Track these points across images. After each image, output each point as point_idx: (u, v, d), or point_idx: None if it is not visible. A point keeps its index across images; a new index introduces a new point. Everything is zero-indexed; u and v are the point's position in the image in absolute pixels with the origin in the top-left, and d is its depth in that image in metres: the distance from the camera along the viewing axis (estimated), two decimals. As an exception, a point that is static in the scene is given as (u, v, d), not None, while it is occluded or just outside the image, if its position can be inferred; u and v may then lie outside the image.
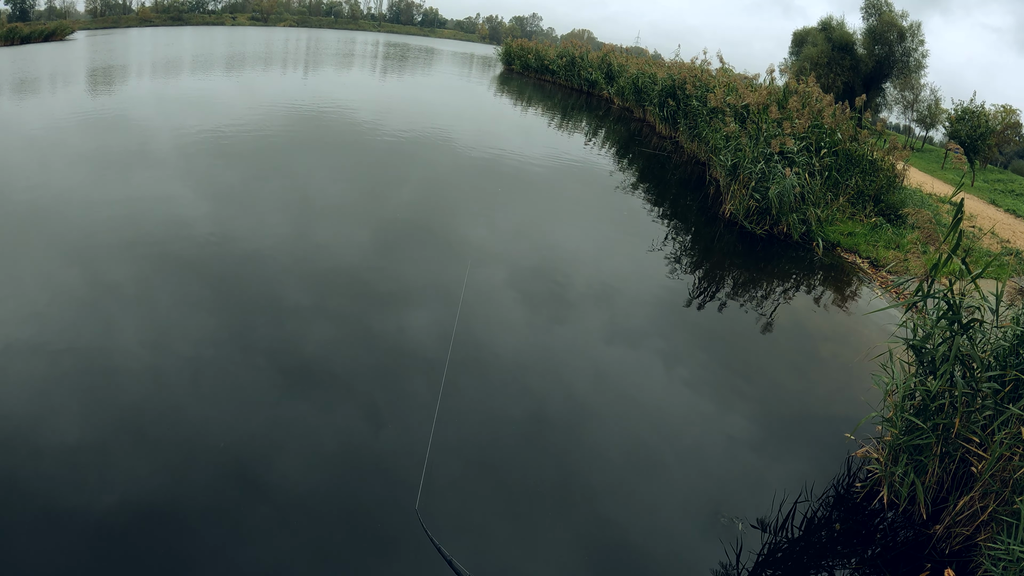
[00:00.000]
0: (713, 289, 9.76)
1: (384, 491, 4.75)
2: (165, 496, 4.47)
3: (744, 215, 12.51)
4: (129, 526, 4.19)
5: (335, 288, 8.05)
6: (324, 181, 12.77)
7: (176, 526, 4.25)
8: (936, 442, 4.87)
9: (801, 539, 4.85)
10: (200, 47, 44.74)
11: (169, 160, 12.85)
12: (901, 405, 5.11)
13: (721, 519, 4.88)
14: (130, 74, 27.06)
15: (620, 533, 4.72)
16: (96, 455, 4.80)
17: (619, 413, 6.16)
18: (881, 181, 14.16)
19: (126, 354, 6.08)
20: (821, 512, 5.13)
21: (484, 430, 5.65)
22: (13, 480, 4.47)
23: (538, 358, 6.98)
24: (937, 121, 39.99)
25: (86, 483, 4.51)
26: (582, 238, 11.45)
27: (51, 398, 5.39)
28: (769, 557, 4.61)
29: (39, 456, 4.73)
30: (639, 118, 27.85)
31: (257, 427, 5.30)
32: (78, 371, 5.79)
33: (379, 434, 5.44)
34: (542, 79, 46.51)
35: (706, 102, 17.51)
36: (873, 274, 11.00)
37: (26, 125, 15.25)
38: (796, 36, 49.34)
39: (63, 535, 4.09)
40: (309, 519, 4.44)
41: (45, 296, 7.07)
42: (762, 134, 13.03)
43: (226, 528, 4.30)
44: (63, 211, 9.64)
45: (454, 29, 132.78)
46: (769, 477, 5.49)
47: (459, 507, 4.73)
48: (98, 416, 5.23)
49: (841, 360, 7.90)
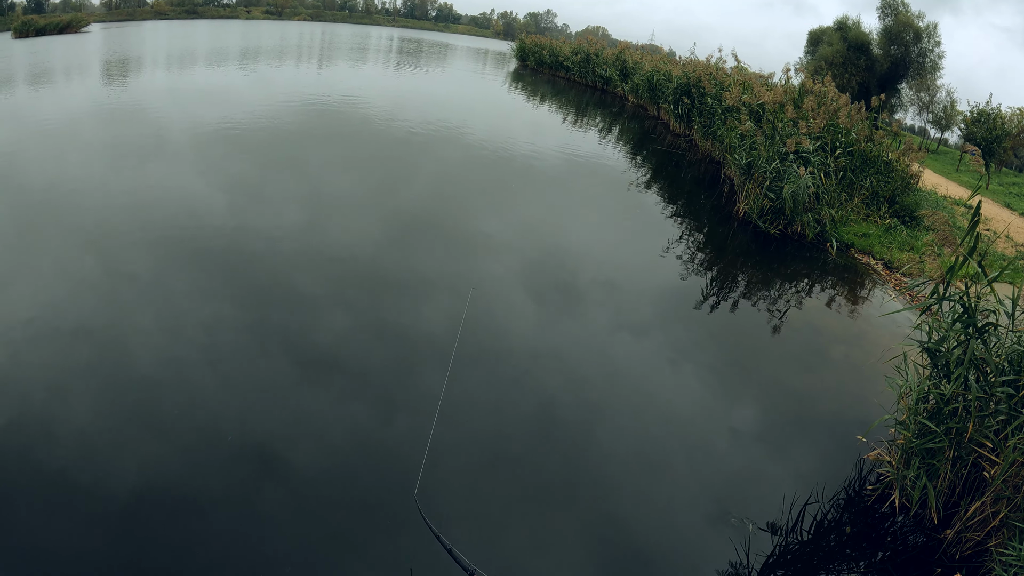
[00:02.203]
0: (726, 288, 9.73)
1: (389, 477, 4.84)
2: (179, 477, 4.58)
3: (758, 214, 12.44)
4: (144, 506, 4.29)
5: (346, 277, 8.17)
6: (337, 173, 12.88)
7: (188, 506, 4.35)
8: (949, 446, 4.84)
9: (811, 541, 4.83)
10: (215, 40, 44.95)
11: (184, 151, 12.98)
12: (915, 408, 5.08)
13: (732, 520, 4.87)
14: (146, 67, 27.26)
15: (627, 530, 4.73)
16: (113, 437, 4.91)
17: (629, 410, 6.17)
18: (896, 182, 14.04)
19: (142, 339, 6.20)
20: (831, 514, 5.11)
21: (489, 421, 5.71)
22: (33, 459, 4.58)
23: (547, 352, 6.99)
24: (952, 123, 39.52)
25: (103, 464, 4.62)
26: (594, 235, 11.44)
27: (70, 381, 5.51)
28: (779, 559, 4.60)
29: (57, 437, 4.84)
30: (653, 116, 27.75)
31: (267, 412, 5.41)
32: (96, 356, 5.90)
33: (386, 422, 5.51)
34: (556, 75, 46.40)
35: (721, 100, 17.42)
36: (887, 276, 10.93)
37: (43, 116, 15.42)
38: (811, 35, 48.96)
39: (80, 513, 4.18)
40: (318, 502, 4.53)
41: (63, 282, 7.20)
42: (777, 133, 12.95)
43: (237, 509, 4.40)
44: (80, 200, 9.78)
45: (468, 25, 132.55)
46: (779, 478, 5.48)
47: (459, 495, 4.80)
48: (115, 400, 5.34)
49: (853, 361, 7.85)
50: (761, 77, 19.06)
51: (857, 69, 42.91)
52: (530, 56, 51.61)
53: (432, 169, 14.25)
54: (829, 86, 16.73)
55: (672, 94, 23.20)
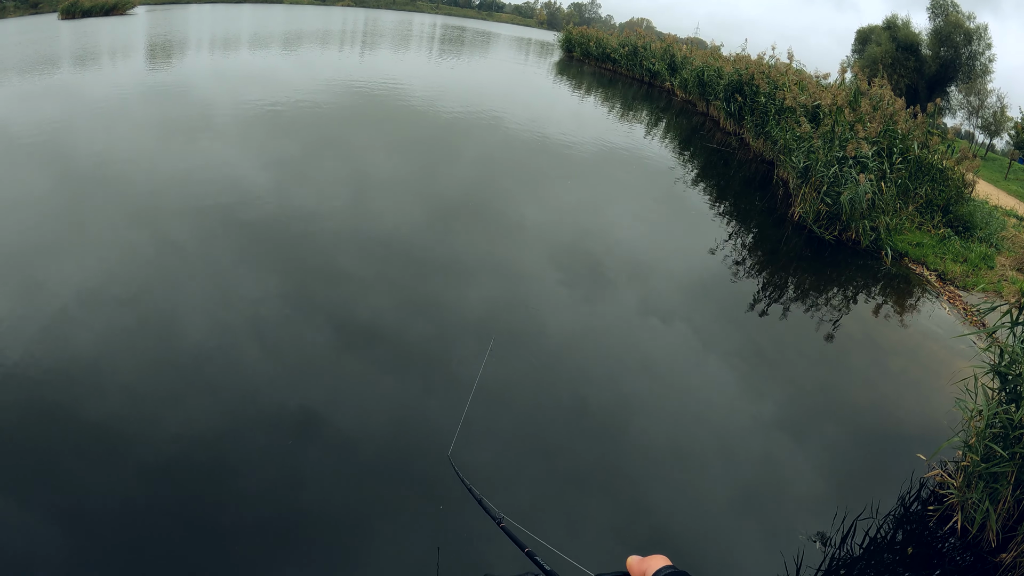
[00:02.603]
0: (780, 291, 9.66)
1: (425, 444, 5.05)
2: (221, 437, 4.81)
3: (814, 219, 12.28)
4: (186, 461, 4.52)
5: (386, 255, 8.38)
6: (379, 155, 13.12)
7: (230, 464, 4.59)
8: (1012, 470, 4.79)
9: (862, 556, 4.80)
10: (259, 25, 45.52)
11: (230, 131, 13.31)
12: (984, 433, 5.03)
13: (799, 536, 4.86)
14: (191, 49, 27.70)
15: (665, 530, 4.76)
16: (159, 397, 5.16)
17: (676, 414, 6.17)
18: (951, 191, 13.75)
19: (189, 306, 6.49)
20: (884, 529, 5.07)
21: (525, 400, 5.87)
22: (81, 413, 4.86)
23: (587, 347, 7.03)
24: (1003, 129, 38.35)
25: (148, 421, 4.86)
26: (640, 228, 11.45)
27: (119, 342, 5.81)
28: (829, 571, 4.58)
29: (105, 393, 5.12)
30: (702, 112, 27.40)
31: (307, 379, 5.65)
32: (144, 319, 6.20)
33: (424, 392, 5.73)
34: (603, 67, 46.03)
35: (775, 99, 17.16)
36: (941, 288, 10.73)
37: (92, 95, 15.79)
38: (860, 34, 47.93)
39: (123, 466, 4.42)
40: (355, 465, 4.77)
41: (113, 251, 7.52)
42: (836, 137, 12.73)
43: (278, 469, 4.60)
44: (130, 174, 10.11)
45: (512, 13, 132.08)
46: (830, 489, 5.45)
47: (491, 463, 4.98)
48: (161, 363, 5.60)
49: (911, 376, 7.76)
50: (817, 77, 18.71)
51: (906, 70, 41.96)
52: (576, 47, 51.22)
53: (495, 158, 14.33)
54: (885, 88, 16.36)
55: (723, 91, 22.88)
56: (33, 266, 6.97)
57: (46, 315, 6.04)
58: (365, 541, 4.15)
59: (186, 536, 3.98)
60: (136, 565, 3.77)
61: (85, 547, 3.83)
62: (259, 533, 4.09)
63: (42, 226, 7.97)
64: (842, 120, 13.18)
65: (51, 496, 4.13)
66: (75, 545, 3.83)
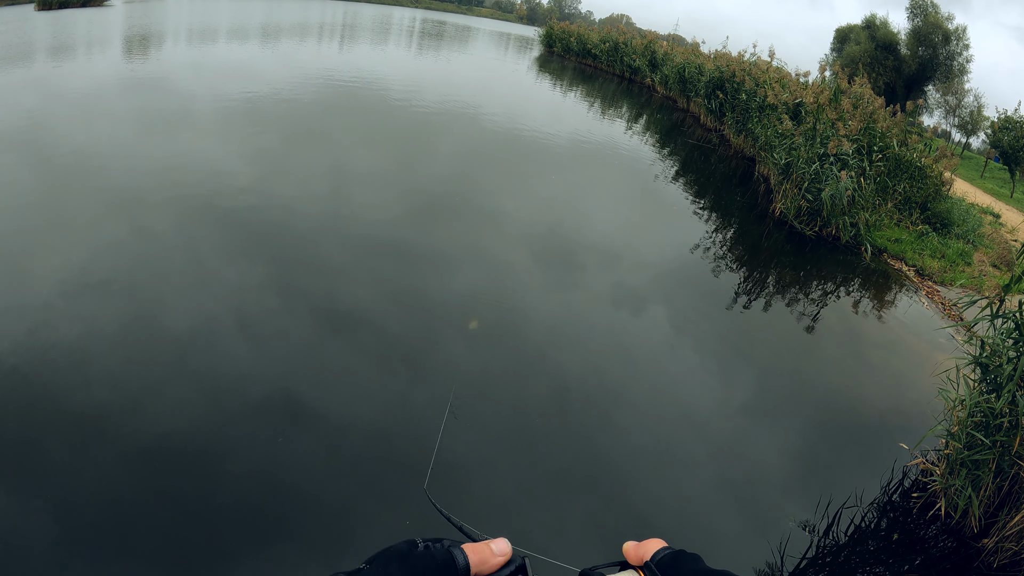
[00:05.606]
0: (762, 285, 9.79)
1: (408, 437, 5.01)
2: (205, 424, 4.79)
3: (795, 215, 12.46)
4: (172, 446, 4.50)
5: (363, 245, 8.38)
6: (357, 148, 13.07)
7: (215, 448, 4.58)
8: (993, 458, 4.93)
9: (847, 545, 4.88)
10: (237, 18, 44.88)
11: (208, 122, 13.15)
12: (966, 421, 5.17)
13: (789, 521, 4.94)
14: (169, 41, 27.28)
15: (652, 523, 4.77)
16: (143, 383, 5.13)
17: (657, 407, 6.19)
18: (929, 189, 14.02)
19: (170, 296, 6.43)
20: (869, 517, 5.17)
21: (507, 394, 5.83)
22: (64, 401, 4.82)
23: (570, 342, 7.03)
24: (979, 128, 39.05)
25: (133, 407, 4.83)
26: (623, 228, 11.50)
27: (103, 331, 5.73)
28: (814, 559, 4.65)
29: (90, 381, 5.07)
30: (683, 108, 27.60)
31: (289, 366, 5.63)
32: (127, 309, 6.13)
33: (408, 384, 5.68)
34: (583, 63, 46.14)
35: (756, 96, 17.34)
36: (919, 283, 10.95)
37: (68, 87, 15.45)
38: (839, 32, 48.52)
39: (108, 451, 4.39)
40: (343, 450, 4.77)
41: (93, 241, 7.41)
42: (818, 134, 12.92)
43: (260, 456, 4.58)
44: (107, 165, 9.96)
45: (492, 8, 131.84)
46: (814, 478, 5.55)
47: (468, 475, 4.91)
48: (145, 351, 5.54)
49: (893, 368, 7.92)
50: (798, 75, 18.95)
51: (885, 69, 42.57)
52: (557, 42, 51.34)
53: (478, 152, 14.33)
54: (865, 87, 16.63)
55: (704, 87, 23.07)
56: (13, 256, 6.86)
57: (28, 305, 5.95)
58: (352, 527, 4.15)
59: (172, 524, 3.95)
60: (123, 552, 3.74)
61: (70, 534, 3.79)
62: (244, 519, 4.08)
63: (21, 216, 7.83)
64: (824, 118, 13.38)
65: (35, 485, 4.08)
66: (60, 533, 3.78)
